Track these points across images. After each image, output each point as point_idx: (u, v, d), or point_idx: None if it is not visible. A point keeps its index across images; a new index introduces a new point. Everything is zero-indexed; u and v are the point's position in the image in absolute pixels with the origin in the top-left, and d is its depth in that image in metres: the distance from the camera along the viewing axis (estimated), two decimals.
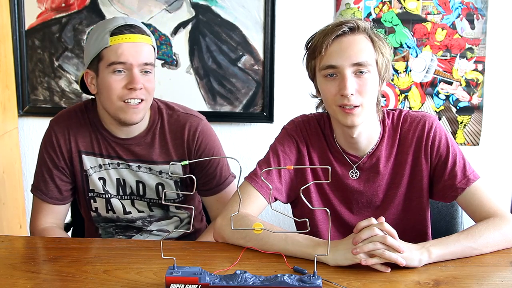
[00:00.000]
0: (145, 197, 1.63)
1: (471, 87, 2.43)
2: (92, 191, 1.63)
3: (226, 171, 1.67)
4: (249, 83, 2.46)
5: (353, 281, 1.13)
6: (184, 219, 1.70)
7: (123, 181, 1.62)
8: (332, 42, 1.33)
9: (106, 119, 1.59)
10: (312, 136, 1.48)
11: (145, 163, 1.60)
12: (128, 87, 1.48)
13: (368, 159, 1.43)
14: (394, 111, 1.48)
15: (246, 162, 2.43)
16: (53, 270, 1.21)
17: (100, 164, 1.61)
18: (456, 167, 1.39)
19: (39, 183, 1.63)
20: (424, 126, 1.42)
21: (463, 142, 2.47)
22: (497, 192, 2.45)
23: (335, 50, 1.33)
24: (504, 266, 1.23)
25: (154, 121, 1.61)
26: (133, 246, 1.37)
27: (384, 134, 1.44)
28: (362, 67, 1.33)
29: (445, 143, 1.41)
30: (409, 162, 1.43)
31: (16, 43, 2.45)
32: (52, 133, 1.61)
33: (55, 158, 1.61)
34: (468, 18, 2.38)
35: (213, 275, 1.08)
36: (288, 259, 1.21)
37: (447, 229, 1.66)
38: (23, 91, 2.51)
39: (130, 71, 1.48)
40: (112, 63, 1.47)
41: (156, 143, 1.60)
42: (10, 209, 2.38)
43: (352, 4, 2.39)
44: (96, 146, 1.61)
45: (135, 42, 1.49)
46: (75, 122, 1.62)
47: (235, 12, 2.41)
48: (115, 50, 1.47)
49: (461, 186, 1.38)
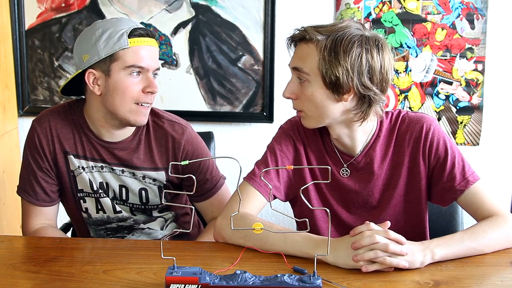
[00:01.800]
0: (127, 202, 1.62)
1: (471, 87, 2.43)
2: (81, 191, 1.60)
3: (216, 174, 1.66)
4: (249, 83, 2.46)
5: (353, 281, 1.13)
6: (169, 219, 1.69)
7: (106, 185, 1.60)
8: (293, 44, 1.40)
9: (96, 121, 1.55)
10: (309, 134, 1.48)
11: (128, 167, 1.58)
12: (146, 91, 1.48)
13: (362, 159, 1.43)
14: (393, 112, 1.47)
15: (246, 162, 2.43)
16: (53, 270, 1.21)
17: (83, 167, 1.58)
18: (455, 169, 1.38)
19: (25, 185, 1.60)
20: (422, 128, 1.41)
21: (463, 142, 2.47)
22: (497, 192, 2.45)
23: (294, 52, 1.40)
24: (504, 266, 1.23)
25: (140, 127, 1.58)
26: (133, 246, 1.37)
27: (380, 134, 1.43)
28: (300, 73, 1.35)
29: (443, 144, 1.40)
30: (406, 163, 1.42)
31: (16, 43, 2.46)
32: (35, 134, 1.57)
33: (39, 159, 1.57)
34: (468, 18, 2.38)
35: (213, 275, 1.08)
36: (288, 259, 1.21)
37: (447, 229, 1.66)
38: (23, 91, 2.51)
39: (145, 75, 1.48)
40: (131, 66, 1.45)
41: (141, 148, 1.58)
42: (10, 209, 2.38)
43: (352, 4, 2.39)
44: (80, 147, 1.57)
45: (152, 46, 1.50)
46: (58, 123, 1.57)
47: (235, 12, 2.41)
48: (135, 52, 1.45)
49: (460, 188, 1.37)
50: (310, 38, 1.33)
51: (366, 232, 1.18)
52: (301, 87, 1.36)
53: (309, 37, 1.33)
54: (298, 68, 1.35)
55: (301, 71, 1.34)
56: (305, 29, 1.35)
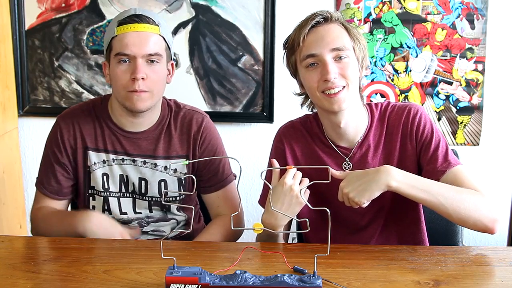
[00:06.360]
0: (146, 195, 1.63)
1: (471, 87, 2.43)
2: (92, 188, 1.63)
3: (228, 169, 1.69)
4: (249, 83, 2.46)
5: (353, 281, 1.13)
6: (181, 221, 1.70)
7: (126, 178, 1.63)
8: (308, 32, 1.40)
9: (116, 112, 1.60)
10: (296, 137, 1.52)
11: (151, 158, 1.61)
12: (131, 77, 1.50)
13: (358, 150, 1.46)
14: (382, 103, 1.52)
15: (246, 162, 2.44)
16: (53, 270, 1.21)
17: (104, 160, 1.62)
18: (438, 151, 1.42)
19: (42, 178, 1.64)
20: (410, 113, 1.46)
21: (463, 142, 2.47)
22: (497, 192, 2.45)
23: (312, 40, 1.39)
24: (504, 266, 1.23)
25: (164, 117, 1.64)
26: (133, 246, 1.37)
27: (372, 124, 1.48)
28: (341, 51, 1.38)
29: (429, 128, 1.45)
30: (397, 149, 1.46)
31: (16, 43, 2.46)
32: (58, 129, 1.63)
33: (58, 153, 1.61)
34: (468, 18, 2.38)
35: (213, 275, 1.08)
36: (288, 259, 1.22)
37: (446, 229, 1.66)
38: (23, 91, 2.51)
39: (133, 61, 1.50)
40: (117, 54, 1.50)
41: (163, 137, 1.62)
42: (10, 209, 2.38)
43: (352, 4, 2.39)
44: (101, 141, 1.61)
45: (139, 32, 1.50)
46: (81, 118, 1.63)
47: (235, 12, 2.41)
48: (120, 40, 1.49)
49: (442, 169, 1.39)
50: (336, 18, 1.41)
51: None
52: (341, 64, 1.39)
53: (334, 18, 1.41)
54: (339, 47, 1.38)
55: (342, 49, 1.38)
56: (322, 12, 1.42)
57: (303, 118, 1.57)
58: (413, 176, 1.33)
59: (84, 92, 2.51)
